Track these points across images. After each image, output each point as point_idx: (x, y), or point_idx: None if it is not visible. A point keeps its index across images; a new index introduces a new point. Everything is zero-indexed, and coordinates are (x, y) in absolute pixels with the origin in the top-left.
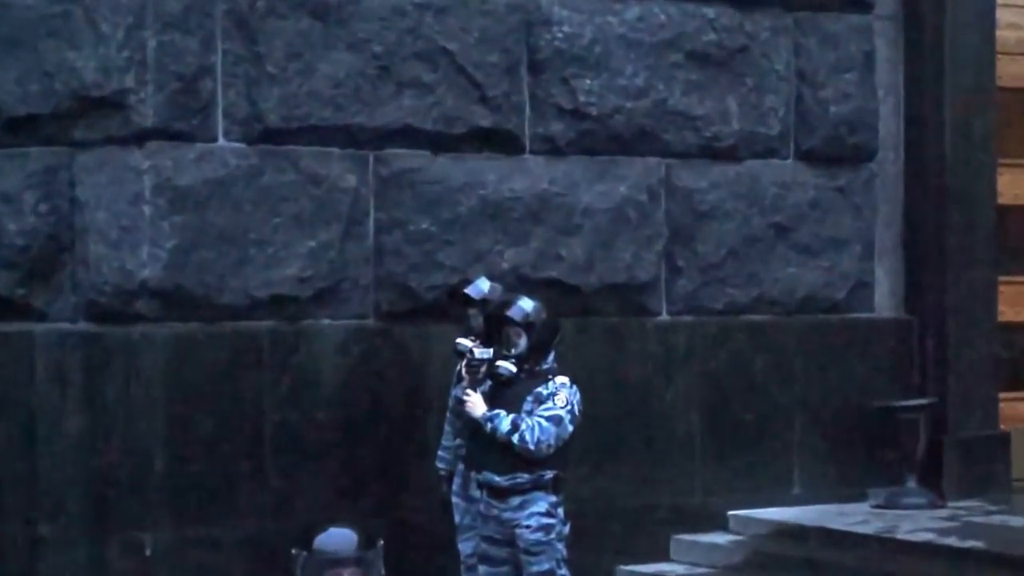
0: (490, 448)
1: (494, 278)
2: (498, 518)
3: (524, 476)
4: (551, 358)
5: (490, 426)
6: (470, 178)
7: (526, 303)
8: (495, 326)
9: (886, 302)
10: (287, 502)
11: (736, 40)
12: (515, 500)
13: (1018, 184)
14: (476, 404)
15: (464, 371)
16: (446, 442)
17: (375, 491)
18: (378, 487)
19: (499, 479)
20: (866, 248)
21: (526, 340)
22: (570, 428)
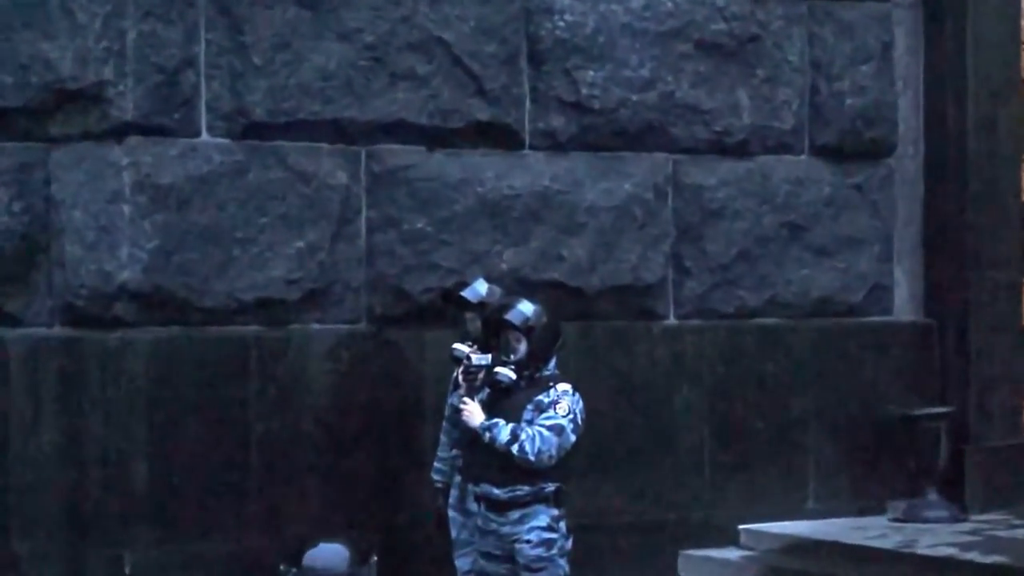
0: (488, 459)
1: (492, 280)
2: (497, 532)
3: (524, 488)
4: (552, 364)
5: (488, 436)
6: (467, 175)
7: (526, 306)
8: (493, 331)
9: (905, 305)
10: (275, 516)
11: (747, 29)
12: (515, 514)
13: None
14: (474, 413)
15: (461, 378)
16: (442, 453)
17: (368, 504)
18: (371, 500)
19: (498, 491)
20: (884, 248)
21: (526, 345)
22: (572, 438)
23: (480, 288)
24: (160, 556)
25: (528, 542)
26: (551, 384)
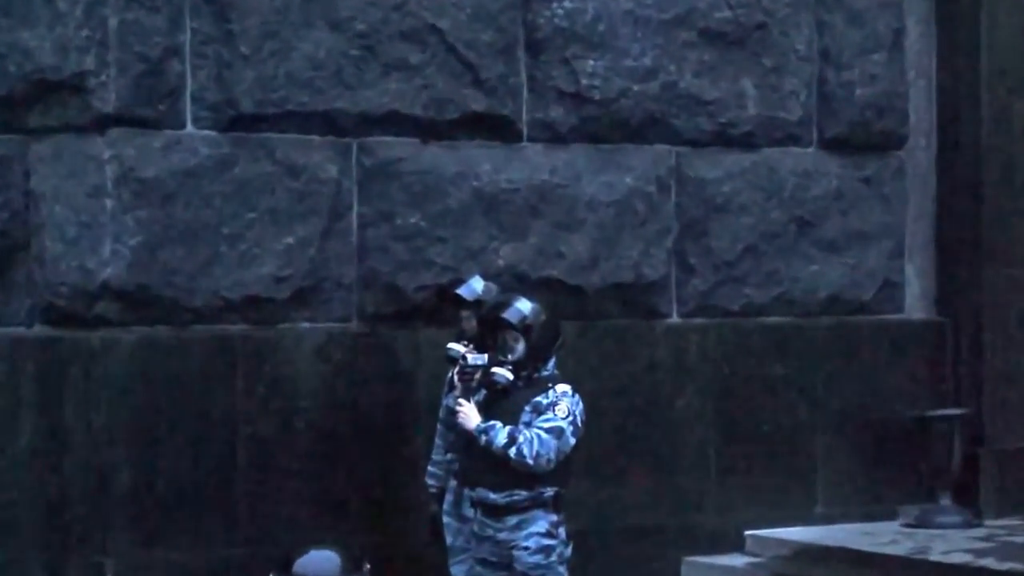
0: (485, 463)
1: (489, 277)
2: (494, 539)
3: (522, 493)
4: (551, 365)
5: (485, 439)
6: (462, 168)
7: (524, 305)
8: (490, 330)
9: (917, 303)
10: (263, 522)
11: (753, 17)
12: (512, 519)
13: None
14: (469, 415)
15: (456, 379)
16: (437, 456)
17: (359, 510)
18: (363, 506)
19: (495, 496)
20: (895, 244)
21: (524, 345)
22: (572, 441)
23: (476, 286)
24: (143, 564)
25: (526, 549)
26: (550, 385)
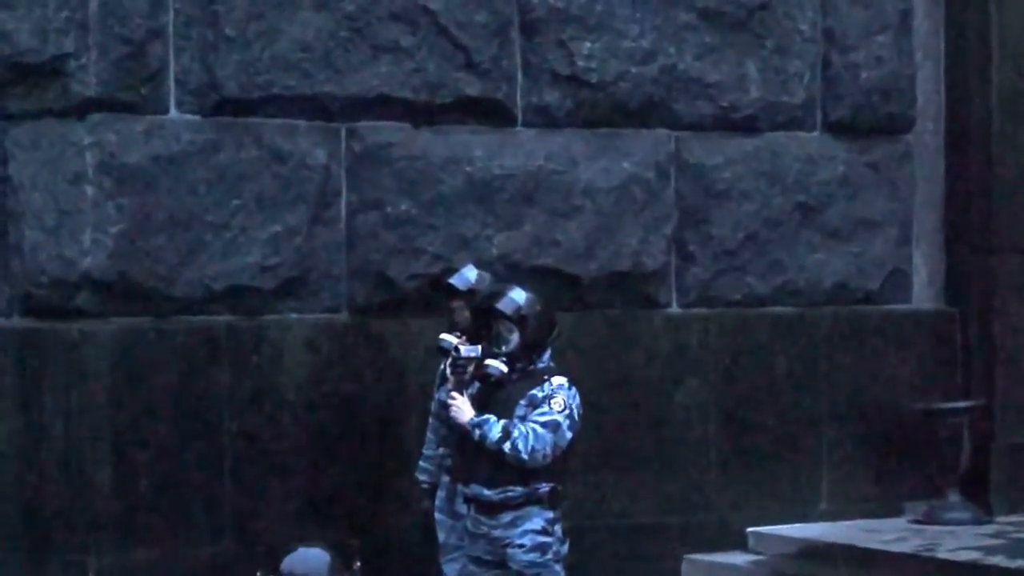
0: (478, 458)
1: (482, 266)
2: (487, 536)
3: (517, 489)
4: (547, 356)
5: (478, 433)
6: (455, 154)
7: (518, 295)
8: (484, 320)
9: (924, 292)
10: (250, 519)
11: None
12: (506, 516)
13: None
14: (462, 408)
15: (449, 371)
16: (429, 451)
17: (349, 506)
18: (353, 502)
19: (488, 492)
20: (902, 231)
21: (518, 336)
22: (568, 435)
23: (469, 275)
24: (126, 563)
25: (521, 547)
26: (545, 378)
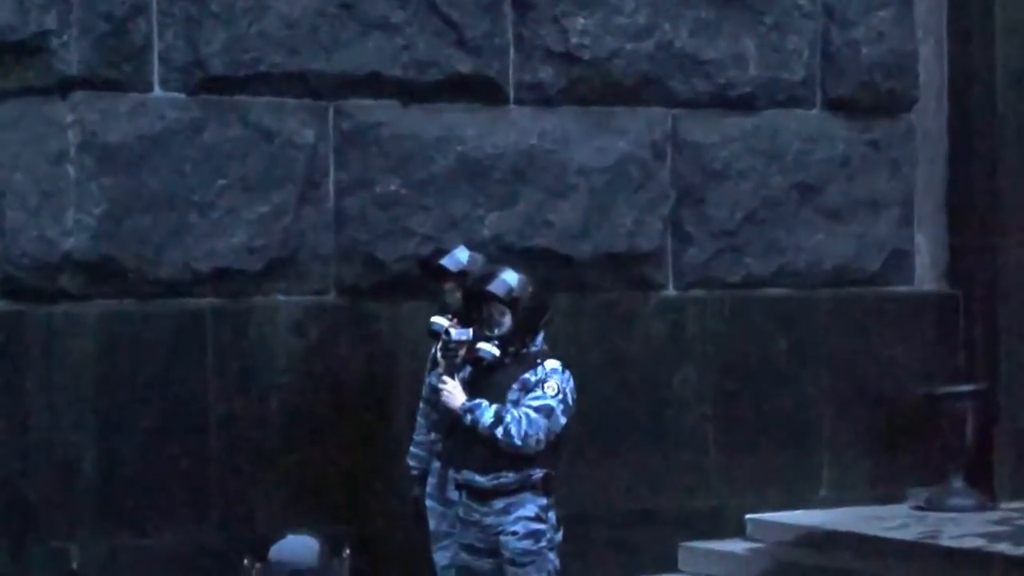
0: (470, 443)
1: (474, 247)
2: (480, 524)
3: (510, 475)
4: (540, 340)
5: (470, 418)
6: (445, 132)
7: (511, 276)
8: (475, 303)
9: (927, 274)
10: (237, 506)
11: None
12: (499, 503)
13: None
14: (454, 393)
15: (440, 355)
16: (419, 437)
17: (339, 493)
18: (342, 488)
19: (481, 479)
20: (904, 211)
21: (511, 319)
22: (562, 420)
23: (461, 256)
24: (110, 550)
25: (514, 534)
26: (539, 361)
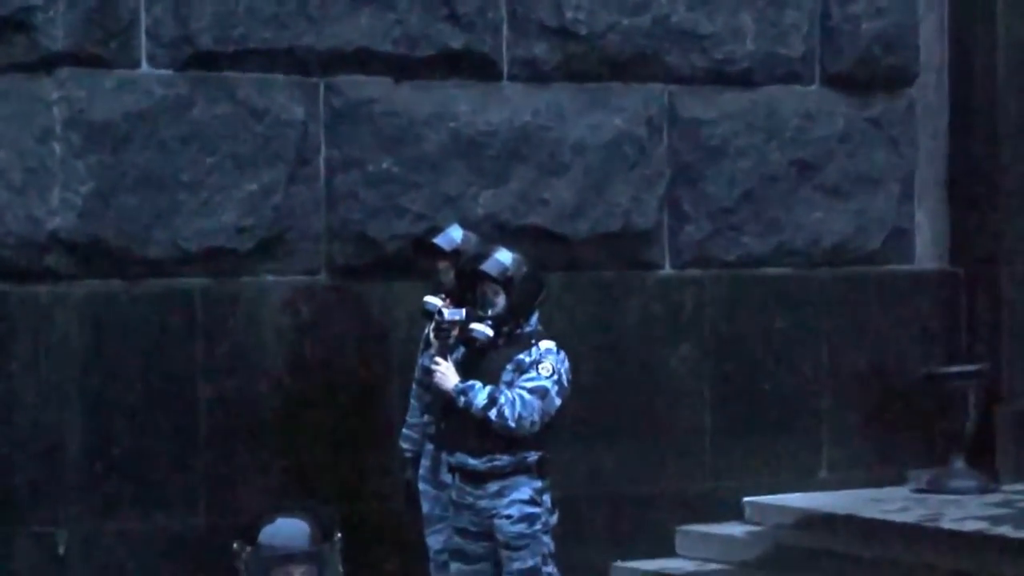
0: (464, 425)
1: (467, 226)
2: (473, 507)
3: (504, 458)
4: (534, 320)
5: (463, 400)
6: (438, 109)
7: (504, 255)
8: (469, 282)
9: (928, 251)
10: (227, 489)
11: None
12: (493, 486)
13: None
14: (447, 374)
15: (433, 335)
16: (412, 419)
17: (329, 476)
18: (333, 471)
19: (474, 462)
20: (904, 188)
21: (505, 299)
22: (557, 401)
23: (454, 235)
24: (97, 535)
25: (508, 517)
26: (533, 342)
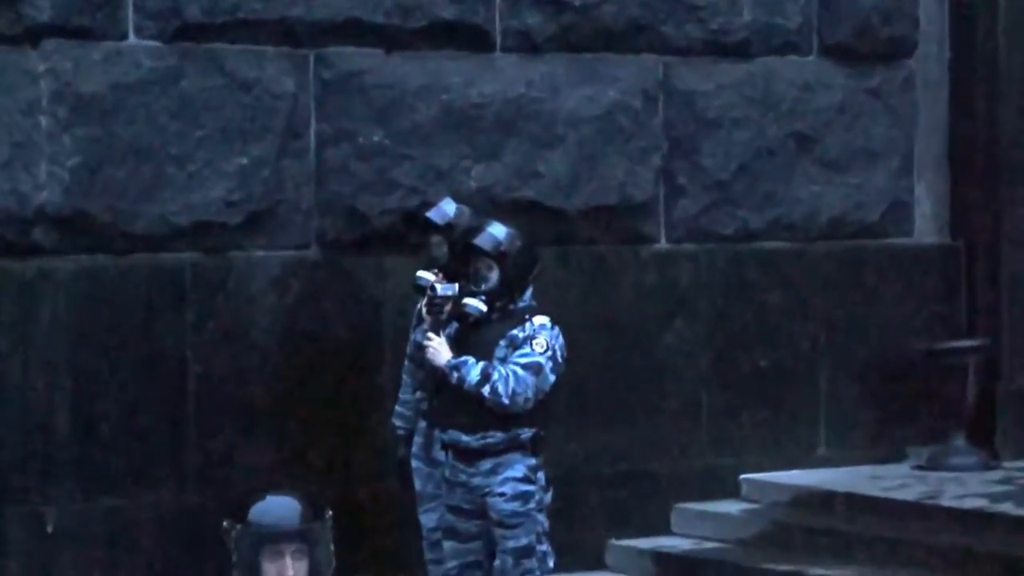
0: (457, 402)
1: (460, 199)
2: (467, 485)
3: (497, 435)
4: (528, 295)
5: (456, 376)
6: (430, 81)
7: (498, 229)
8: (462, 257)
9: (928, 225)
10: (216, 467)
11: None
12: (487, 464)
13: None
14: (439, 350)
15: (425, 311)
16: (404, 395)
17: (321, 453)
18: (324, 449)
19: (467, 439)
20: (904, 161)
21: (498, 273)
22: (551, 378)
23: (447, 208)
24: (86, 513)
25: (502, 495)
26: (527, 317)
